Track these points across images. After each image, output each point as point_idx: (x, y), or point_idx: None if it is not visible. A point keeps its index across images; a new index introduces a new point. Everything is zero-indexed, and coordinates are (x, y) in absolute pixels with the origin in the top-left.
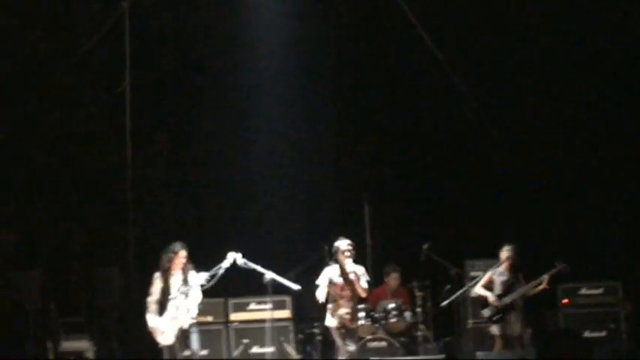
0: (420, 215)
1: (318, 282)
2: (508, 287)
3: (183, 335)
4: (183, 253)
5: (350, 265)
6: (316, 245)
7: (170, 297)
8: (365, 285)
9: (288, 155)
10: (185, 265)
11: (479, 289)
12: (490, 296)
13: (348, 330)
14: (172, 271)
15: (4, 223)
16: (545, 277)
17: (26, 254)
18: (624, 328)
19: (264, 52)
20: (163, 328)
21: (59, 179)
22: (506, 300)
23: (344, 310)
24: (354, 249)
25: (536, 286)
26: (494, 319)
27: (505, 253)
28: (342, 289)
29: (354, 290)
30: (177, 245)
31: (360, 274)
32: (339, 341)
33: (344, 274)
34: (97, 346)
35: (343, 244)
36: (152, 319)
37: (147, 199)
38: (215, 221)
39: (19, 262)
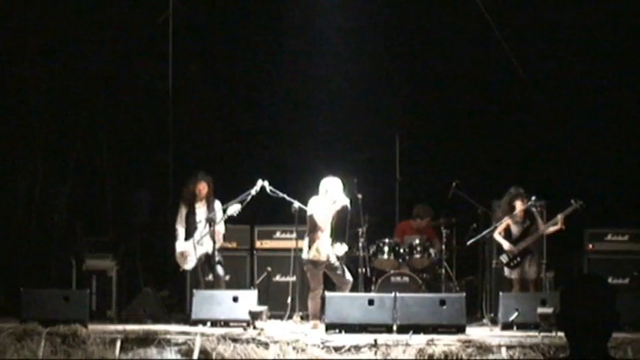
0: (450, 154)
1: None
2: (524, 231)
3: (207, 261)
4: (202, 184)
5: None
6: (347, 179)
7: (195, 224)
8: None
9: (320, 90)
10: (208, 193)
11: (496, 236)
12: (505, 243)
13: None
14: (196, 200)
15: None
16: (560, 217)
17: (57, 171)
18: None
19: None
20: (187, 253)
21: (98, 96)
22: (522, 245)
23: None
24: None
25: (551, 227)
26: (512, 264)
27: (515, 200)
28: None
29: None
30: (198, 175)
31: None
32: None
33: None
34: (119, 266)
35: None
36: (177, 245)
37: (184, 123)
38: (248, 150)
39: (50, 178)
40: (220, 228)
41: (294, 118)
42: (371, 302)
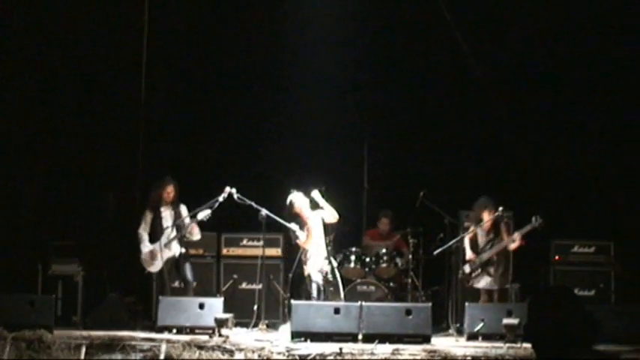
0: (418, 163)
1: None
2: (489, 242)
3: (175, 266)
4: (170, 188)
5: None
6: (315, 187)
7: (162, 229)
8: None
9: (290, 95)
10: (174, 198)
11: (465, 242)
12: (468, 252)
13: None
14: (162, 205)
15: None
16: (517, 235)
17: (22, 172)
18: (613, 289)
19: None
20: (154, 254)
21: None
22: (485, 256)
23: (320, 264)
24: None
25: (510, 243)
26: (474, 275)
27: (483, 211)
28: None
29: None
30: (165, 179)
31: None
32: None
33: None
34: (85, 271)
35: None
36: (142, 247)
37: (153, 129)
38: (216, 157)
39: (15, 180)
40: (194, 232)
41: (262, 126)
42: (337, 311)
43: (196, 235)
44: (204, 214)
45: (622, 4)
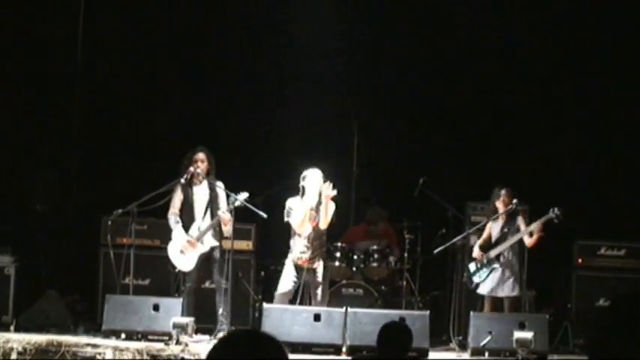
0: (417, 145)
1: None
2: (501, 237)
3: (207, 264)
4: (200, 157)
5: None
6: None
7: (193, 213)
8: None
9: (278, 77)
10: (208, 171)
11: (477, 243)
12: (475, 249)
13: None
14: (194, 182)
15: None
16: (534, 226)
17: None
18: None
19: None
20: (191, 246)
21: None
22: (492, 253)
23: (300, 250)
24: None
25: (526, 234)
26: (479, 275)
27: (498, 200)
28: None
29: (316, 225)
30: (195, 149)
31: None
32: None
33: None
34: (19, 262)
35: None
36: (175, 236)
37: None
38: (183, 129)
39: None
40: (226, 215)
41: (247, 106)
42: (317, 317)
43: (227, 232)
44: (240, 197)
45: None
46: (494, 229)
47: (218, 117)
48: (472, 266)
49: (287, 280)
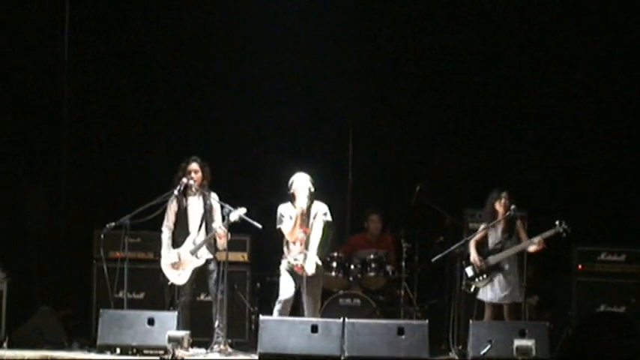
0: (413, 150)
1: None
2: (499, 244)
3: (202, 277)
4: (193, 167)
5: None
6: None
7: (188, 225)
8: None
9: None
10: (202, 183)
11: (471, 244)
12: (473, 254)
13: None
14: (188, 193)
15: None
16: (536, 240)
17: None
18: None
19: None
20: (183, 260)
21: None
22: (491, 261)
23: (293, 256)
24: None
25: (529, 246)
26: (477, 281)
27: (498, 202)
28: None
29: (307, 231)
30: (188, 160)
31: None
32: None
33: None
34: (10, 278)
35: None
36: (165, 254)
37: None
38: (174, 140)
39: None
40: (222, 230)
41: (239, 114)
42: (314, 329)
43: (222, 246)
44: (238, 213)
45: None
46: (491, 233)
47: (210, 126)
48: (469, 271)
49: (287, 287)
